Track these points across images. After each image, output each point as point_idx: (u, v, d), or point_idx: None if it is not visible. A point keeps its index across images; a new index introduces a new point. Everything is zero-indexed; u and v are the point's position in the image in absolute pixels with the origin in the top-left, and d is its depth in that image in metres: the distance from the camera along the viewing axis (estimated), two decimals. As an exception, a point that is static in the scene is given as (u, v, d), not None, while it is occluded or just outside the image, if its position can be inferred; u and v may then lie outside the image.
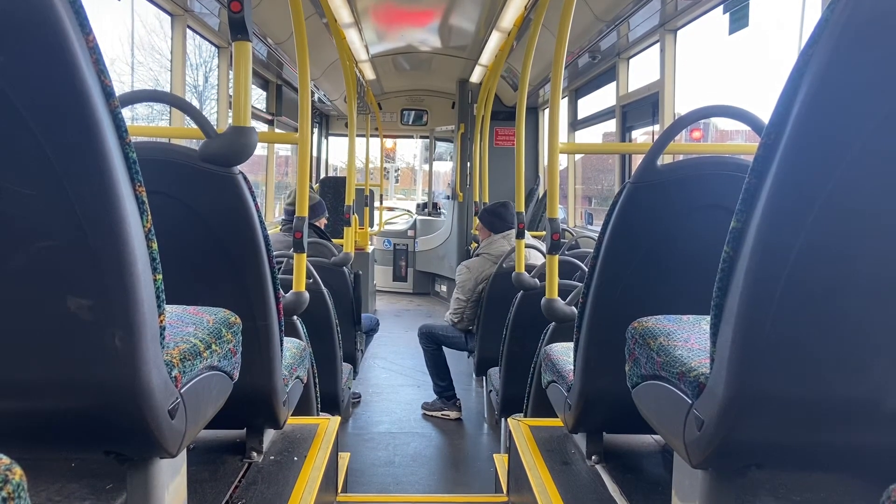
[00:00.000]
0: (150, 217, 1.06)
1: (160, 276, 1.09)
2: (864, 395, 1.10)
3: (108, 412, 1.10)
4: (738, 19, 3.19)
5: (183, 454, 1.45)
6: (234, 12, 1.66)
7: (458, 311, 4.36)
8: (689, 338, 1.38)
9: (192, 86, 4.00)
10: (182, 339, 1.26)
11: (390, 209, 10.38)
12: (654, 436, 2.12)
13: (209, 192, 1.65)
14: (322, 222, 4.54)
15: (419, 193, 11.33)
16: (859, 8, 0.91)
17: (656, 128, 4.26)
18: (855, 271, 1.03)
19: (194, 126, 1.67)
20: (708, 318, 1.17)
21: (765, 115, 1.33)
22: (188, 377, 1.23)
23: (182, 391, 1.19)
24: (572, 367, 1.93)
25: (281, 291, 1.80)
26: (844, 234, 1.01)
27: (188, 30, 3.90)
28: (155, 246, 1.07)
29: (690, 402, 1.23)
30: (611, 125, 5.26)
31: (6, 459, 0.58)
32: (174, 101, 2.49)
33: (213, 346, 1.34)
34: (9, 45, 0.87)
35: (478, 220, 4.71)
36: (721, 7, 3.35)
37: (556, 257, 2.53)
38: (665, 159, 1.75)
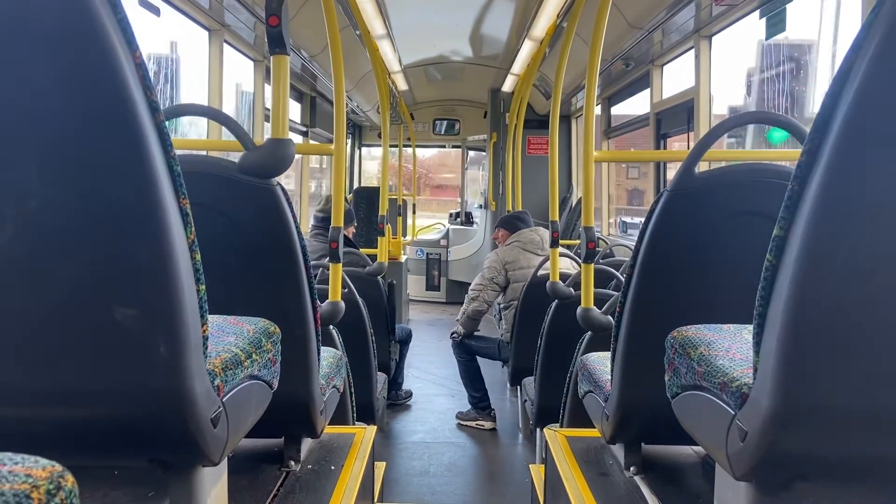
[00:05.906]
0: (193, 229, 1.08)
1: (203, 287, 1.11)
2: None
3: (153, 420, 1.12)
4: (775, 24, 3.13)
5: (224, 462, 1.46)
6: (272, 26, 1.69)
7: (477, 289, 4.35)
8: (731, 347, 1.35)
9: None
10: (223, 349, 1.28)
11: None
12: (693, 447, 2.09)
13: (248, 204, 1.67)
14: (350, 231, 4.58)
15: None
16: None
17: (691, 134, 4.22)
18: None
19: (232, 138, 1.70)
20: (749, 327, 1.15)
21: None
22: (230, 386, 1.24)
23: (224, 400, 1.21)
24: (609, 377, 1.90)
25: (318, 301, 1.82)
26: (894, 240, 0.98)
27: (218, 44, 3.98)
28: (198, 257, 1.09)
29: (733, 412, 1.21)
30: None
31: (58, 467, 0.60)
32: (214, 115, 2.54)
33: (254, 356, 1.36)
34: (61, 61, 0.90)
35: (498, 230, 4.72)
36: (757, 12, 3.30)
37: (592, 266, 2.51)
38: (702, 167, 1.73)
